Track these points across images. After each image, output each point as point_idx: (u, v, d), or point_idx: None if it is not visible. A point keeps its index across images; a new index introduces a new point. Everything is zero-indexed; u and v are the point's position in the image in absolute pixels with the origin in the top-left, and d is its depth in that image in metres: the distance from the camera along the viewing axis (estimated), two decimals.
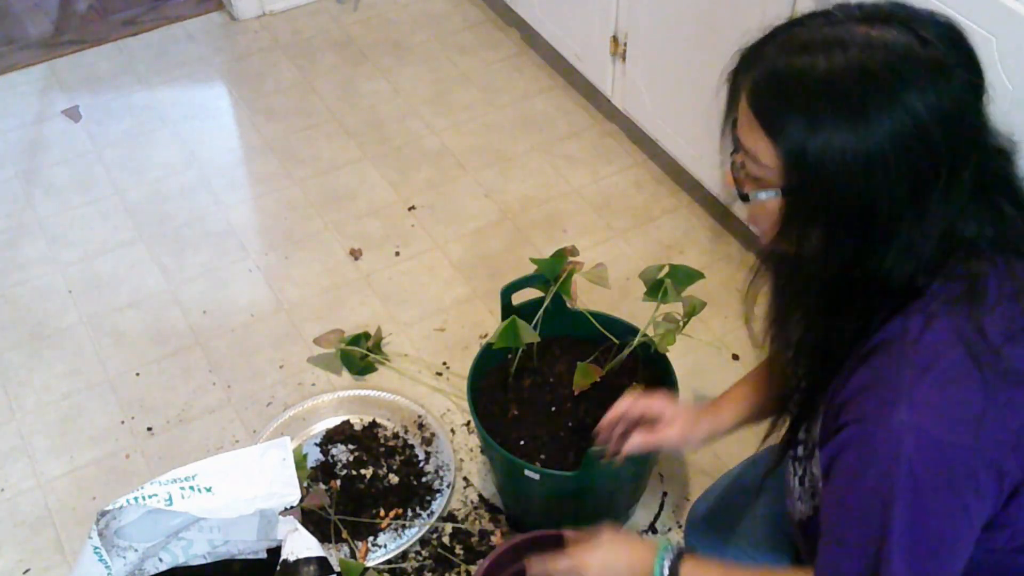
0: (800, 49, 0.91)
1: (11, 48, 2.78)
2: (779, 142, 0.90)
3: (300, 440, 1.80)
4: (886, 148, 0.86)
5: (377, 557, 1.62)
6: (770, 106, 0.91)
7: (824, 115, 0.87)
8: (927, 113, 0.86)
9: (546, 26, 2.47)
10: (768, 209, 0.96)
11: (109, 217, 2.27)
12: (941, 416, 0.87)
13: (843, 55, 0.87)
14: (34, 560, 1.68)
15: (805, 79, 0.88)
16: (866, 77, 0.86)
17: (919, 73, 0.86)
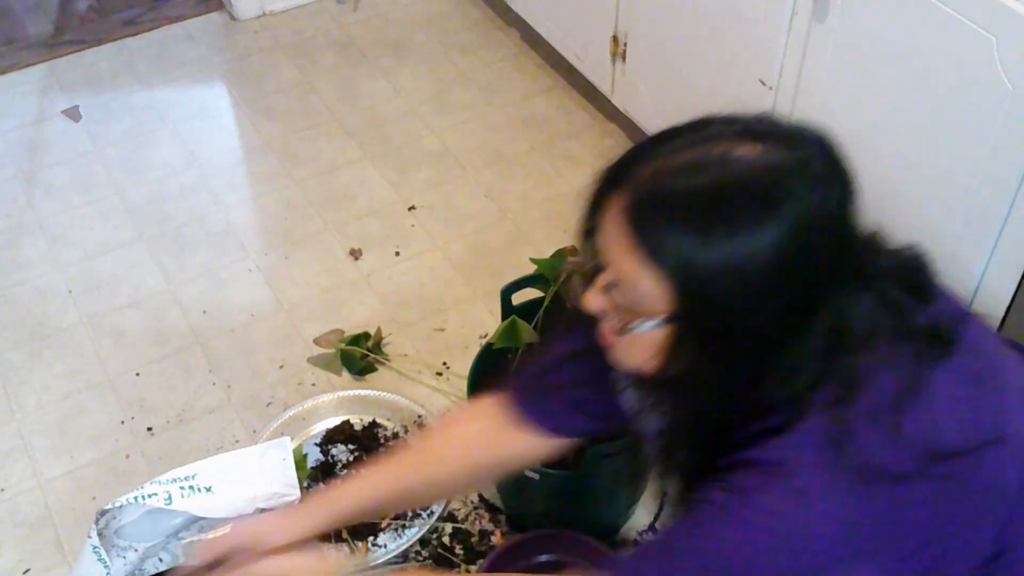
0: (681, 168, 0.88)
1: (11, 48, 2.78)
2: (665, 265, 0.86)
3: (300, 440, 1.80)
4: (773, 262, 0.84)
5: (377, 557, 1.61)
6: (653, 228, 0.87)
7: (712, 233, 0.85)
8: (808, 225, 0.85)
9: (546, 26, 2.48)
10: (648, 340, 0.92)
11: (109, 217, 2.27)
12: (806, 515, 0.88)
13: (724, 172, 0.86)
14: (34, 560, 1.68)
15: (690, 199, 0.86)
16: (749, 193, 0.85)
17: (799, 187, 0.86)
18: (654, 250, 0.87)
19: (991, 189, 1.42)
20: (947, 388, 0.92)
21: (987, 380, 0.96)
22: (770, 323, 0.88)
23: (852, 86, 1.59)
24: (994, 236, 1.45)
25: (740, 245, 0.84)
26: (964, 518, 0.92)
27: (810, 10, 1.61)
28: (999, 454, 0.93)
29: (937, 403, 0.91)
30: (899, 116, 1.52)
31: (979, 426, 0.92)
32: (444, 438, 1.26)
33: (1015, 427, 0.95)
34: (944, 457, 0.89)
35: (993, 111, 1.37)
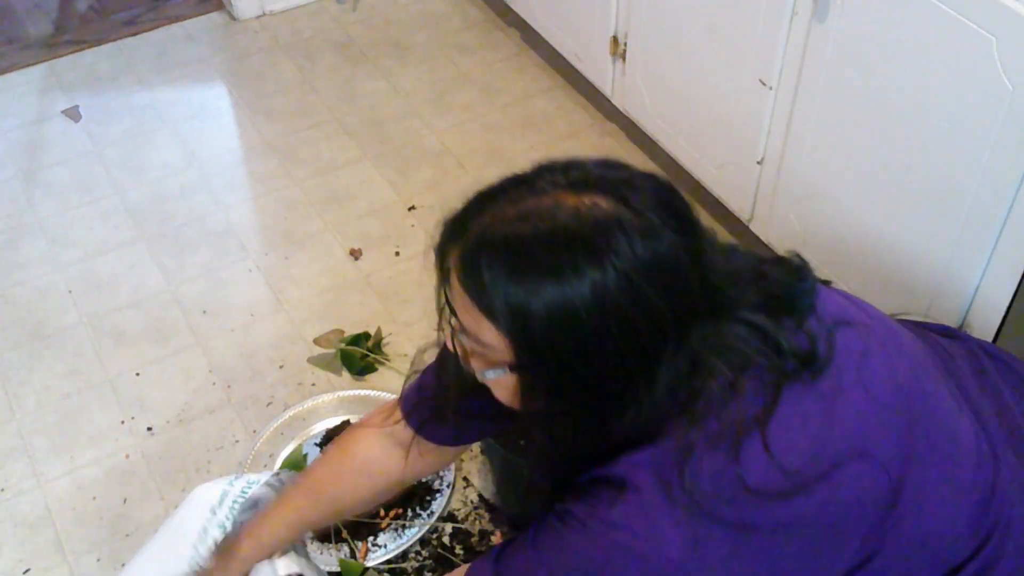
0: (507, 221, 0.89)
1: (11, 48, 2.78)
2: (498, 320, 0.88)
3: (300, 440, 1.80)
4: (600, 309, 0.85)
5: (377, 557, 1.62)
6: (481, 283, 0.88)
7: (538, 285, 0.86)
8: (638, 276, 0.86)
9: (546, 26, 2.48)
10: (504, 384, 0.95)
11: (109, 217, 2.27)
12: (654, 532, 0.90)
13: (551, 223, 0.87)
14: (34, 560, 1.68)
15: (514, 252, 0.87)
16: (574, 242, 0.86)
17: (626, 237, 0.86)
18: (484, 302, 0.89)
19: (991, 189, 1.42)
20: (801, 407, 0.93)
21: (846, 392, 0.96)
22: (612, 365, 0.89)
23: (852, 86, 1.59)
24: (994, 236, 1.45)
25: (562, 294, 0.85)
26: (818, 544, 0.93)
27: (810, 10, 1.61)
28: (855, 470, 0.93)
29: (787, 426, 0.92)
30: (899, 116, 1.52)
31: (829, 446, 0.93)
32: (347, 469, 1.33)
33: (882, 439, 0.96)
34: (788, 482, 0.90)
35: (993, 111, 1.37)
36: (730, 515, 0.90)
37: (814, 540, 0.93)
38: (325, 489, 1.35)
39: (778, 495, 0.90)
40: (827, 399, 0.95)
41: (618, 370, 0.89)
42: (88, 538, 1.70)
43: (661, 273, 0.87)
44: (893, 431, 0.97)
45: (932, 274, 1.57)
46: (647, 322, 0.87)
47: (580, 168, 0.93)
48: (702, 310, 0.91)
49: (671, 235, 0.89)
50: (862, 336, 1.02)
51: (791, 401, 0.93)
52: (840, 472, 0.92)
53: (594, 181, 0.91)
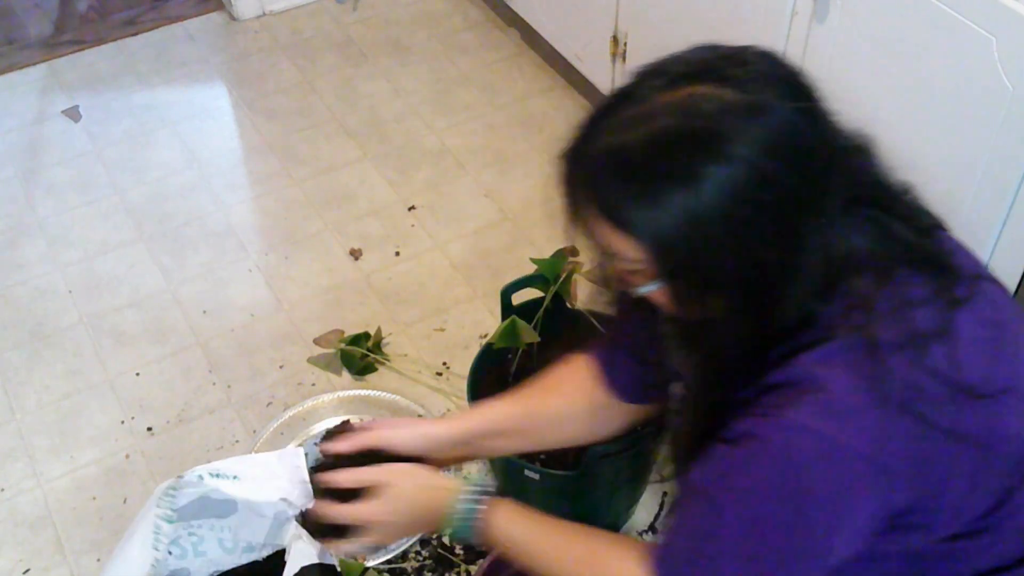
0: (617, 135, 0.87)
1: (11, 48, 2.78)
2: (635, 234, 0.86)
3: (300, 440, 1.80)
4: (732, 203, 0.83)
5: (377, 557, 1.62)
6: (611, 201, 0.87)
7: (662, 192, 0.84)
8: (759, 156, 0.82)
9: (546, 26, 2.48)
10: (658, 296, 0.92)
11: (109, 217, 2.27)
12: (839, 422, 0.86)
13: (654, 128, 0.84)
14: (34, 560, 1.68)
15: (628, 165, 0.85)
16: (685, 140, 0.83)
17: (736, 120, 0.83)
18: (616, 219, 0.87)
19: (991, 189, 1.42)
20: (969, 329, 0.91)
21: (1005, 328, 0.94)
22: (757, 252, 0.85)
23: (852, 86, 1.59)
24: (994, 236, 1.45)
25: (687, 196, 0.83)
26: (978, 463, 0.90)
27: (810, 10, 1.61)
28: (1013, 403, 0.92)
29: (961, 343, 0.89)
30: (899, 116, 1.52)
31: (998, 372, 0.91)
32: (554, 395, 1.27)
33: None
34: (967, 397, 0.88)
35: (993, 111, 1.37)
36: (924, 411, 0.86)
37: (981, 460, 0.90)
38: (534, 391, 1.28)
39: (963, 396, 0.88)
40: (992, 328, 0.92)
41: (764, 254, 0.85)
42: (88, 538, 1.70)
43: (784, 144, 0.84)
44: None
45: None
46: (782, 200, 0.84)
47: (672, 62, 0.89)
48: (843, 181, 0.88)
49: (782, 103, 0.85)
50: (1007, 294, 1.00)
51: (964, 321, 0.90)
52: (1002, 402, 0.90)
53: (688, 72, 0.87)
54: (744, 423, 0.90)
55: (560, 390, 1.27)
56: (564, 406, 1.26)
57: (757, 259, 0.86)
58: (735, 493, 0.90)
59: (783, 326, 0.90)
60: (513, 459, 1.51)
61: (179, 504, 1.37)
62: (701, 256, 0.86)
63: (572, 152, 0.92)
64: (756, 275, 0.87)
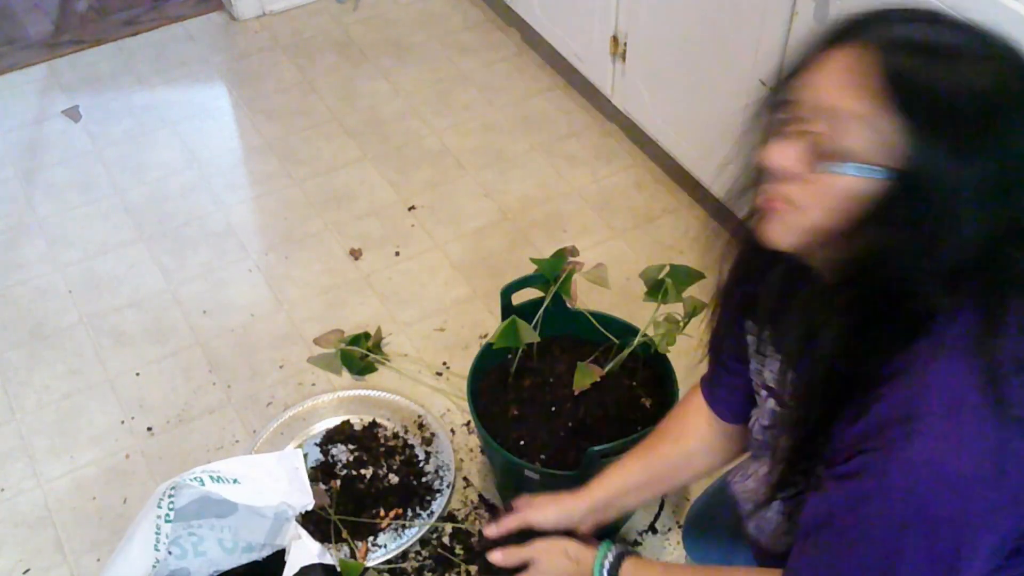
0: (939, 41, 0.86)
1: (11, 48, 2.78)
2: (916, 117, 0.82)
3: (300, 440, 1.80)
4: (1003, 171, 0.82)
5: (377, 557, 1.62)
6: (914, 80, 0.83)
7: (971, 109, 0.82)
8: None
9: (546, 26, 2.48)
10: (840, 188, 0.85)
11: (109, 217, 2.27)
12: (958, 451, 0.83)
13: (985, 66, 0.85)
14: (34, 560, 1.68)
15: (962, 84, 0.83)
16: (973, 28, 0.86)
17: None
18: (906, 102, 0.82)
19: None
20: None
21: None
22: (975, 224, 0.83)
23: None
24: None
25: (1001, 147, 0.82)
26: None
27: (810, 10, 1.61)
28: None
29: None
30: None
31: None
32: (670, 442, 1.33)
33: None
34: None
35: None
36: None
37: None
38: (656, 442, 1.34)
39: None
40: None
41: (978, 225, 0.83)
42: (88, 538, 1.70)
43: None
44: None
45: None
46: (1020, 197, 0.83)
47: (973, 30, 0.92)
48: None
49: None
50: None
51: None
52: None
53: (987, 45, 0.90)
54: (861, 458, 0.88)
55: (676, 434, 1.32)
56: (683, 449, 1.32)
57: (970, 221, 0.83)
58: (863, 527, 0.88)
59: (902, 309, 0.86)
60: (513, 459, 1.51)
61: (179, 504, 1.38)
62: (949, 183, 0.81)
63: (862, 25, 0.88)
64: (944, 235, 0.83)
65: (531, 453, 1.58)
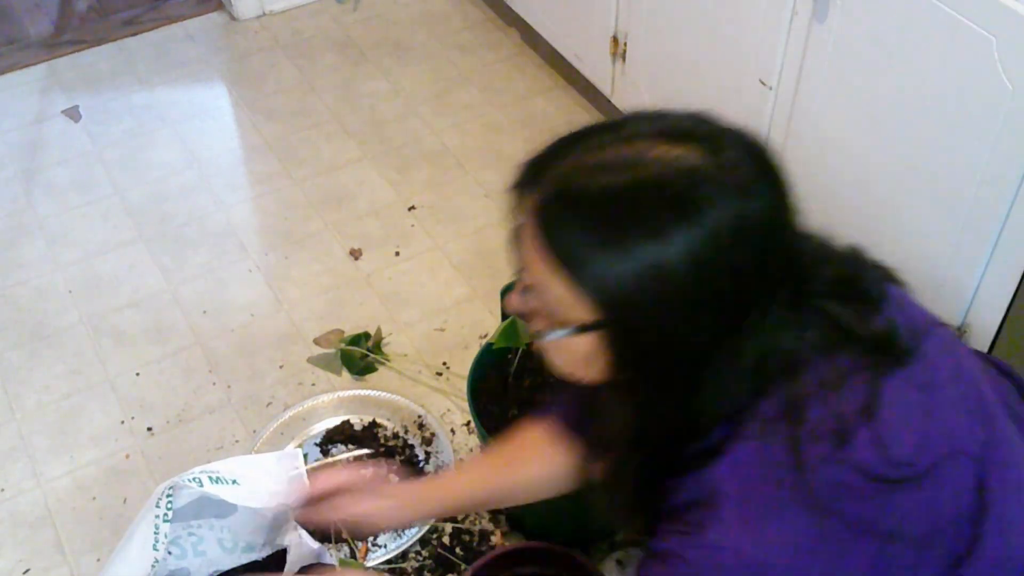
0: (594, 169, 0.83)
1: (11, 48, 2.78)
2: (575, 271, 0.82)
3: (300, 440, 1.80)
4: (690, 271, 0.80)
5: (377, 557, 1.62)
6: (561, 234, 0.83)
7: (621, 238, 0.80)
8: (729, 236, 0.80)
9: (546, 26, 2.48)
10: (567, 348, 0.87)
11: (109, 217, 2.27)
12: (754, 537, 0.83)
13: (641, 174, 0.81)
14: (34, 560, 1.68)
15: (598, 204, 0.81)
16: (664, 197, 0.80)
17: (719, 194, 0.80)
18: (564, 255, 0.83)
19: (991, 189, 1.42)
20: (899, 402, 0.88)
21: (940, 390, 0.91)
22: (692, 335, 0.83)
23: (852, 86, 1.59)
24: (994, 236, 1.45)
25: (652, 252, 0.80)
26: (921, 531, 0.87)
27: (810, 10, 1.61)
28: (956, 468, 0.89)
29: (889, 419, 0.86)
30: (899, 116, 1.52)
31: (934, 440, 0.88)
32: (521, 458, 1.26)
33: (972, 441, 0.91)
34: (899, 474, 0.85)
35: (993, 111, 1.37)
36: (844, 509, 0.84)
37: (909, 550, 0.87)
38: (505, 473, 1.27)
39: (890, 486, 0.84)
40: (925, 391, 0.89)
41: (698, 337, 0.83)
42: (88, 538, 1.70)
43: (753, 233, 0.82)
44: (981, 438, 0.91)
45: (932, 274, 1.57)
46: (736, 286, 0.82)
47: (670, 118, 0.87)
48: (790, 279, 0.86)
49: (763, 193, 0.83)
50: (951, 340, 0.97)
51: (893, 390, 0.87)
52: (939, 470, 0.87)
53: (685, 131, 0.84)
54: (668, 541, 0.88)
55: (526, 457, 1.24)
56: (535, 472, 1.24)
57: (690, 336, 0.83)
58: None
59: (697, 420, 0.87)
60: None
61: (179, 504, 1.37)
62: (640, 314, 0.82)
63: (534, 171, 0.88)
64: (684, 353, 0.84)
65: None
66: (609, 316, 0.83)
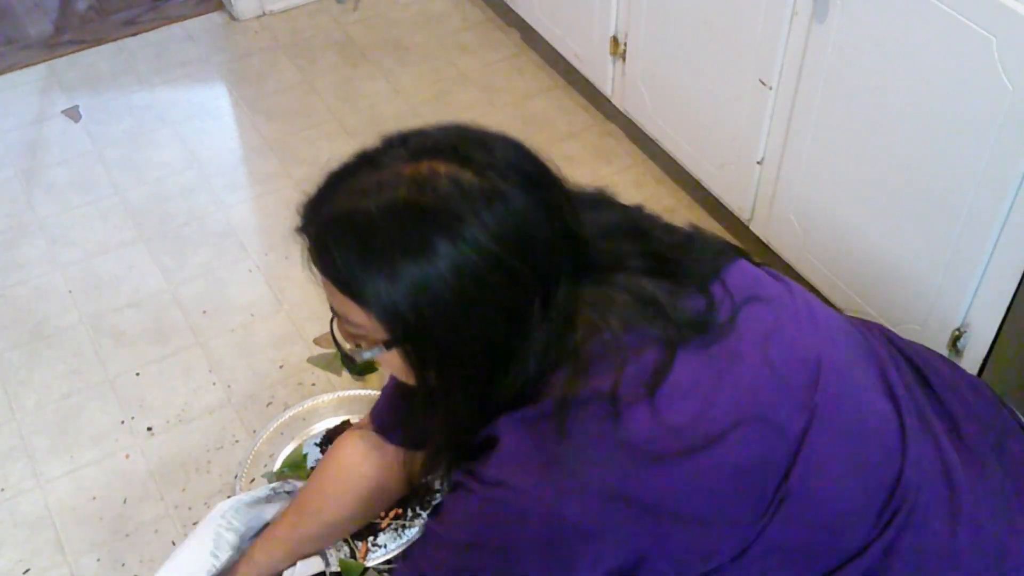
0: (351, 199, 0.89)
1: (11, 48, 2.78)
2: (362, 300, 0.88)
3: (300, 440, 1.80)
4: (460, 281, 0.84)
5: (377, 557, 1.61)
6: (335, 265, 0.89)
7: (391, 264, 0.85)
8: (490, 242, 0.84)
9: (546, 26, 2.48)
10: (386, 362, 0.95)
11: (109, 217, 2.27)
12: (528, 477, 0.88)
13: (391, 197, 0.86)
14: (34, 560, 1.68)
15: (361, 231, 0.86)
16: (419, 214, 0.85)
17: (472, 204, 0.85)
18: (343, 283, 0.89)
19: (991, 189, 1.42)
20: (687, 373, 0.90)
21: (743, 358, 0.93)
22: (483, 332, 0.88)
23: (852, 86, 1.59)
24: (994, 236, 1.45)
25: (417, 270, 0.84)
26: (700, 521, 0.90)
27: (810, 10, 1.61)
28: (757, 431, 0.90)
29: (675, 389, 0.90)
30: (899, 116, 1.52)
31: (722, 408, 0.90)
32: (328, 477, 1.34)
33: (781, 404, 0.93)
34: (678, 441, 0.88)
35: (993, 111, 1.37)
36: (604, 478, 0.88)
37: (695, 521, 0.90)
38: (310, 502, 1.35)
39: (657, 458, 0.88)
40: (720, 362, 0.92)
41: (489, 336, 0.88)
42: (88, 538, 1.70)
43: (515, 234, 0.86)
44: (790, 401, 0.94)
45: (932, 274, 1.57)
46: (510, 285, 0.86)
47: (421, 135, 0.93)
48: (571, 265, 0.90)
49: (519, 193, 0.87)
50: (774, 310, 0.99)
51: (682, 363, 0.90)
52: (735, 433, 0.90)
53: (433, 146, 0.90)
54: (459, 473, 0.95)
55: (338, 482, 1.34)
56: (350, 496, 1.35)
57: (482, 337, 0.88)
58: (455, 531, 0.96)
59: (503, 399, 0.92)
60: None
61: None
62: (423, 329, 0.87)
63: (308, 210, 0.94)
64: (479, 353, 0.89)
65: None
66: (397, 335, 0.89)
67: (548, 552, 0.89)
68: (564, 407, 0.88)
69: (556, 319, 0.89)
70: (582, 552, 0.89)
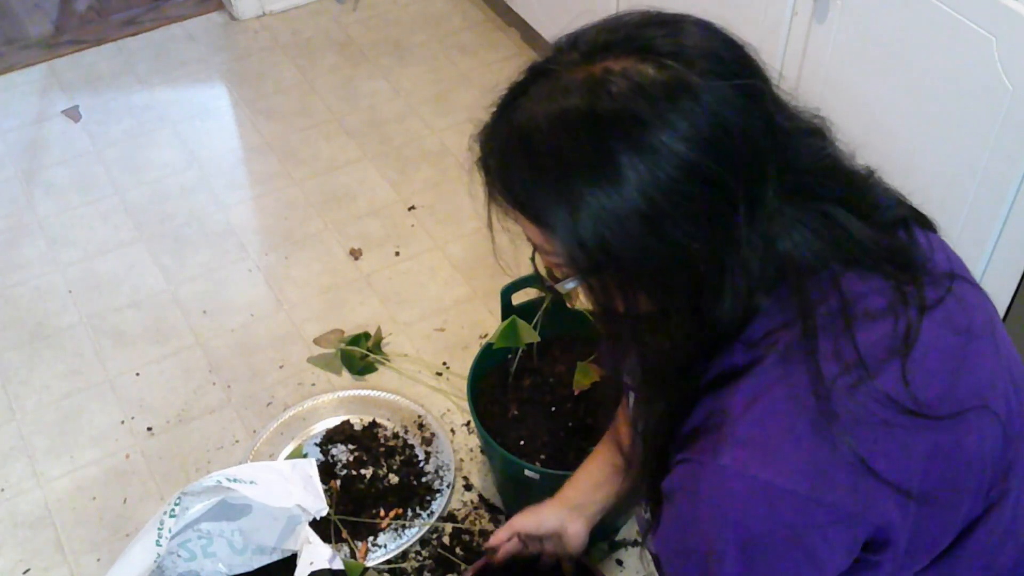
0: (521, 117, 0.78)
1: (11, 48, 2.78)
2: (550, 230, 0.77)
3: (300, 440, 1.80)
4: (651, 198, 0.72)
5: (377, 557, 1.62)
6: (515, 191, 0.79)
7: (571, 184, 0.74)
8: (680, 145, 0.72)
9: (546, 26, 2.48)
10: (585, 292, 0.83)
11: (109, 217, 2.27)
12: (769, 459, 0.77)
13: (562, 107, 0.75)
14: (34, 560, 1.68)
15: (533, 150, 0.76)
16: (594, 124, 0.73)
17: (653, 103, 0.72)
18: (528, 209, 0.79)
19: (991, 189, 1.42)
20: (933, 339, 0.81)
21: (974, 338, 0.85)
22: (683, 252, 0.76)
23: (852, 86, 1.59)
24: (994, 236, 1.45)
25: (609, 197, 0.73)
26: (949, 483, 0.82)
27: (810, 10, 1.61)
28: (982, 420, 0.83)
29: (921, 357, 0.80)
30: (899, 116, 1.53)
31: (959, 390, 0.82)
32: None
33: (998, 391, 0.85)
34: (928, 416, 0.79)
35: (993, 111, 1.37)
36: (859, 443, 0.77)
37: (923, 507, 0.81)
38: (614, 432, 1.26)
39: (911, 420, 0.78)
40: (962, 336, 0.83)
41: (692, 251, 0.75)
42: (88, 538, 1.70)
43: (710, 132, 0.72)
44: (1011, 398, 0.86)
45: None
46: (708, 191, 0.73)
47: (592, 30, 0.80)
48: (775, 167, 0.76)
49: (710, 82, 0.73)
50: (980, 295, 0.90)
51: (930, 330, 0.80)
52: (965, 420, 0.81)
53: (607, 42, 0.77)
54: (676, 474, 0.83)
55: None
56: None
57: (684, 256, 0.76)
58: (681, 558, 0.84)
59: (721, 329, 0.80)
60: (513, 459, 1.51)
61: (193, 512, 1.39)
62: (619, 254, 0.76)
63: (484, 136, 0.83)
64: (684, 273, 0.77)
65: (531, 453, 1.58)
66: (588, 262, 0.77)
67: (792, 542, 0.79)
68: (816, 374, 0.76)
69: (769, 235, 0.77)
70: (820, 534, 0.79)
